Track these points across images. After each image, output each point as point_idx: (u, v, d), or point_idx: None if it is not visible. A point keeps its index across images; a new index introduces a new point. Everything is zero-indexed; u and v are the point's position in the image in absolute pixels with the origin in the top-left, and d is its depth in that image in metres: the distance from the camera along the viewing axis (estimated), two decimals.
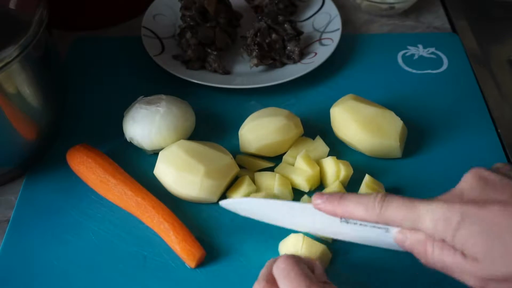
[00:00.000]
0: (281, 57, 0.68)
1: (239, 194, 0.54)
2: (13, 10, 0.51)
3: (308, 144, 0.59)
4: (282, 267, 0.41)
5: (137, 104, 0.58)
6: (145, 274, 0.50)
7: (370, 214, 0.41)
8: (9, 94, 0.50)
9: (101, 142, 0.60)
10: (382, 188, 0.55)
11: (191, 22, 0.69)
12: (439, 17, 0.77)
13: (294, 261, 0.41)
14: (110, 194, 0.54)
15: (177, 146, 0.54)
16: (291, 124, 0.57)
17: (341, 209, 0.42)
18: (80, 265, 0.51)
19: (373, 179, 0.55)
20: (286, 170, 0.56)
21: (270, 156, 0.58)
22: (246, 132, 0.58)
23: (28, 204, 0.56)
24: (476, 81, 0.68)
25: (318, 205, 0.44)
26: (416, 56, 0.71)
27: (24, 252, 0.52)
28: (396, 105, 0.65)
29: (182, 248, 0.50)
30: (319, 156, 0.58)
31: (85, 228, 0.53)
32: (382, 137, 0.56)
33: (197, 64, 0.68)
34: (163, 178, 0.54)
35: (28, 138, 0.56)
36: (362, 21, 0.77)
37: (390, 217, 0.40)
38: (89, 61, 0.71)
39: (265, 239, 0.52)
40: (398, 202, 0.40)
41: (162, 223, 0.51)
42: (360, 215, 0.41)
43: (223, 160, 0.54)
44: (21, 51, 0.49)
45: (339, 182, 0.54)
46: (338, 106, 0.59)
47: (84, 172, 0.56)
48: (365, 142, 0.57)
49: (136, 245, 0.52)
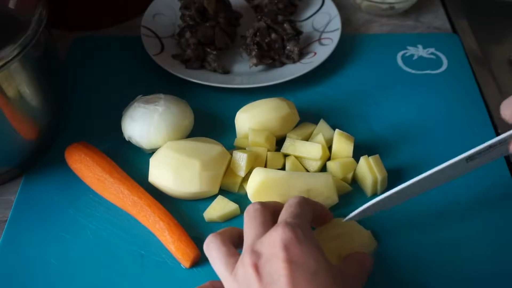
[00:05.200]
0: (281, 56, 0.68)
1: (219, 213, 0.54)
2: (13, 9, 0.51)
3: (312, 127, 0.60)
4: (294, 199, 0.45)
5: (136, 103, 0.58)
6: (142, 273, 0.50)
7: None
8: (8, 93, 0.50)
9: (100, 141, 0.60)
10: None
11: (190, 21, 0.69)
12: (439, 17, 0.77)
13: (304, 200, 0.45)
14: (107, 192, 0.54)
15: (166, 148, 0.55)
16: (284, 103, 0.59)
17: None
18: (78, 264, 0.51)
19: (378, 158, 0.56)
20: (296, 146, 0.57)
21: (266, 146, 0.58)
22: (240, 113, 0.59)
23: (26, 203, 0.56)
24: (475, 82, 0.67)
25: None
26: (416, 57, 0.71)
27: (22, 251, 0.52)
28: (396, 106, 0.65)
29: (177, 247, 0.50)
30: (326, 139, 0.58)
31: (83, 227, 0.54)
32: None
33: (196, 64, 0.68)
34: (160, 183, 0.54)
35: (27, 137, 0.56)
36: (362, 21, 0.77)
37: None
38: (88, 60, 0.71)
39: None
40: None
41: (158, 222, 0.51)
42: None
43: (214, 150, 0.55)
44: (20, 50, 0.49)
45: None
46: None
47: (81, 170, 0.56)
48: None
49: (133, 244, 0.52)
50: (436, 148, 0.60)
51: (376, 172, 0.54)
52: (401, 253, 0.51)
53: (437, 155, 0.59)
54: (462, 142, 0.60)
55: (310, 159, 0.56)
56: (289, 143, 0.57)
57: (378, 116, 0.63)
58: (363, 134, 0.61)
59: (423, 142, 0.61)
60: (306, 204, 0.45)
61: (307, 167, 0.57)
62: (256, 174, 0.52)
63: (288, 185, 0.52)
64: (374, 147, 0.59)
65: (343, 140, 0.56)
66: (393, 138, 0.61)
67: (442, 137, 0.61)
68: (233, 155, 0.55)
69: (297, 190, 0.52)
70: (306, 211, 0.44)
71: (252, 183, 0.52)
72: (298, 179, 0.52)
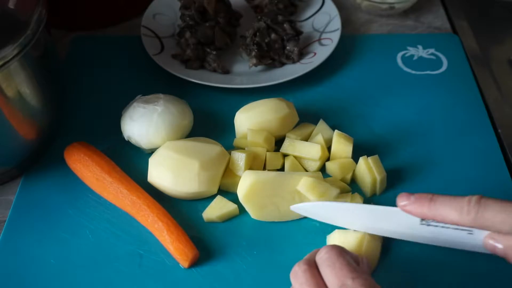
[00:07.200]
0: (280, 57, 0.68)
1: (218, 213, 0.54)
2: (12, 9, 0.51)
3: (311, 127, 0.60)
4: (327, 256, 0.40)
5: (135, 103, 0.58)
6: (141, 272, 0.50)
7: (464, 218, 0.39)
8: (8, 93, 0.50)
9: (99, 141, 0.60)
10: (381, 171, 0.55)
11: (190, 21, 0.69)
12: (439, 17, 0.77)
13: (339, 251, 0.40)
14: (106, 192, 0.54)
15: (165, 148, 0.55)
16: (284, 104, 0.59)
17: (432, 212, 0.40)
18: (77, 264, 0.51)
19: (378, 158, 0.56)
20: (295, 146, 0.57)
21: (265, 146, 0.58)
22: (239, 114, 0.59)
23: (26, 203, 0.56)
24: (475, 82, 0.67)
25: (404, 207, 0.42)
26: (416, 57, 0.71)
27: (21, 251, 0.52)
28: (395, 106, 0.65)
29: (176, 247, 0.50)
30: (325, 139, 0.58)
31: (82, 226, 0.54)
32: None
33: (196, 64, 0.68)
34: (159, 183, 0.54)
35: (27, 137, 0.56)
36: (362, 21, 0.77)
37: (487, 221, 0.38)
38: (88, 60, 0.71)
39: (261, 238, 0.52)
40: (496, 206, 0.38)
41: (156, 222, 0.51)
42: (452, 219, 0.40)
43: (213, 150, 0.55)
44: (20, 50, 0.49)
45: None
46: None
47: (80, 169, 0.56)
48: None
49: (132, 243, 0.52)
50: (436, 149, 0.60)
51: (375, 172, 0.54)
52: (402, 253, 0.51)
53: (437, 155, 0.59)
54: (462, 143, 0.60)
55: (309, 159, 0.56)
56: (288, 143, 0.57)
57: (378, 117, 0.63)
58: (363, 134, 0.61)
59: (423, 142, 0.60)
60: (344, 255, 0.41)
61: (306, 167, 0.57)
62: (245, 178, 0.52)
63: (278, 186, 0.52)
64: (374, 148, 0.59)
65: (342, 141, 0.56)
66: (393, 139, 0.61)
67: (442, 138, 0.61)
68: (232, 155, 0.55)
69: (287, 191, 0.52)
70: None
71: (243, 186, 0.52)
72: (288, 179, 0.52)
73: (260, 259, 0.51)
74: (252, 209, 0.52)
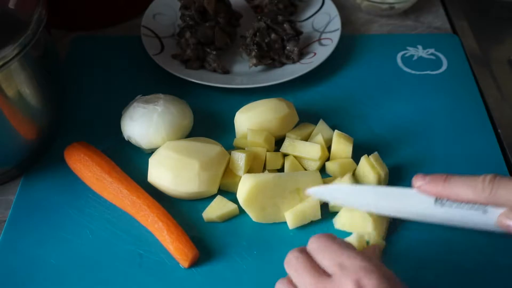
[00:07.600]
0: (280, 57, 0.68)
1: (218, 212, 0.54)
2: (12, 9, 0.51)
3: (311, 127, 0.60)
4: (318, 244, 0.40)
5: (135, 103, 0.58)
6: (140, 272, 0.50)
7: (479, 196, 0.40)
8: (8, 93, 0.50)
9: (99, 140, 0.60)
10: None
11: (190, 21, 0.69)
12: (439, 17, 0.77)
13: (329, 236, 0.40)
14: (106, 192, 0.54)
15: (165, 148, 0.55)
16: (284, 104, 0.59)
17: (447, 191, 0.42)
18: (77, 263, 0.51)
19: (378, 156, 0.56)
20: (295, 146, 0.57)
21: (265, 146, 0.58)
22: (239, 114, 0.59)
23: (26, 203, 0.56)
24: (475, 82, 0.67)
25: (420, 187, 0.43)
26: (416, 57, 0.71)
27: (21, 251, 0.52)
28: (395, 106, 0.65)
29: (176, 247, 0.50)
30: (325, 139, 0.58)
31: (82, 226, 0.54)
32: None
33: (196, 64, 0.68)
34: (159, 183, 0.54)
35: (27, 137, 0.56)
36: (362, 21, 0.77)
37: (502, 198, 0.39)
38: (88, 60, 0.71)
39: (261, 238, 0.52)
40: (510, 183, 0.39)
41: (156, 222, 0.51)
42: (467, 197, 0.41)
43: (213, 150, 0.55)
44: (20, 50, 0.49)
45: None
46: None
47: (81, 169, 0.56)
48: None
49: (132, 243, 0.52)
50: (436, 149, 0.60)
51: (379, 169, 0.54)
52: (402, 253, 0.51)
53: (437, 155, 0.59)
54: (462, 143, 0.60)
55: (309, 159, 0.56)
56: (288, 143, 0.57)
57: (378, 117, 0.63)
58: (363, 134, 0.61)
59: (423, 142, 0.60)
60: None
61: (306, 167, 0.57)
62: (244, 181, 0.52)
63: (278, 187, 0.52)
64: (374, 148, 0.59)
65: (342, 141, 0.56)
66: (393, 139, 0.61)
67: (442, 138, 0.61)
68: (232, 155, 0.55)
69: (287, 191, 0.52)
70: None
71: (242, 190, 0.52)
72: (287, 179, 0.52)
73: (260, 259, 0.51)
74: (253, 212, 0.52)
